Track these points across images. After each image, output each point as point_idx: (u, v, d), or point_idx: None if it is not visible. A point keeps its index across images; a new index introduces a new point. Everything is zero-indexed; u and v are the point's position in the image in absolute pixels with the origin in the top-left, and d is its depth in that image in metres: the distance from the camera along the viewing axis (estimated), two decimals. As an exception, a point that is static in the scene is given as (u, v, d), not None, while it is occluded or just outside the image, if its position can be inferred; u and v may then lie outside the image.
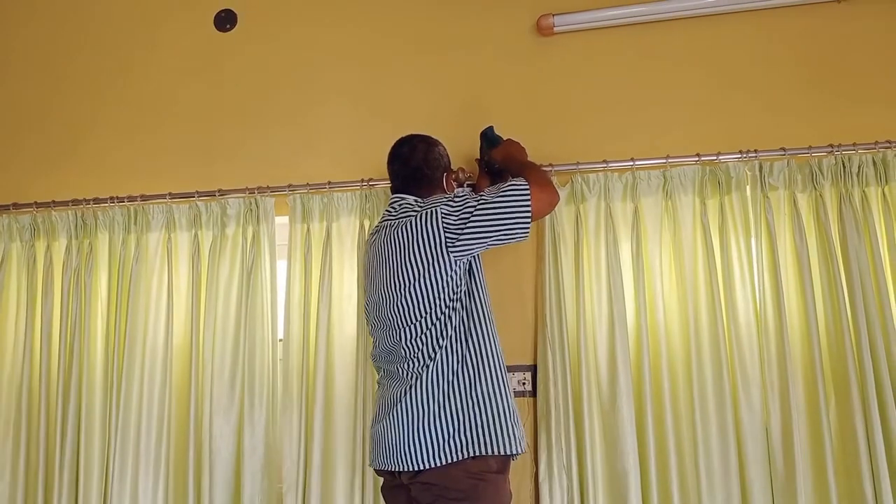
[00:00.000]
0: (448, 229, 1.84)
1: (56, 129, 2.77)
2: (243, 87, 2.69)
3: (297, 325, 2.41)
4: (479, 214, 1.85)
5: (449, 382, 1.81)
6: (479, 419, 1.79)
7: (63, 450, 2.42)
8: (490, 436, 1.78)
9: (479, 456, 1.77)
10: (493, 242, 1.88)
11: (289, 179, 2.51)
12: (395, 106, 2.59)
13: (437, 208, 1.87)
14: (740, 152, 2.32)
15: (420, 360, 1.84)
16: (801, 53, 2.45)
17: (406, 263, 1.87)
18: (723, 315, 2.26)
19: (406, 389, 1.83)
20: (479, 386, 1.81)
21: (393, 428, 1.83)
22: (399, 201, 2.01)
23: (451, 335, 1.83)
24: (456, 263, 1.86)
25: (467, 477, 1.76)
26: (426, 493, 1.78)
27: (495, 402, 1.82)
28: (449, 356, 1.82)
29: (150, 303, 2.52)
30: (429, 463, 1.76)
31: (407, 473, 1.81)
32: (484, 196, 1.88)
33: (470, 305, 1.87)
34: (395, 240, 1.91)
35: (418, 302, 1.85)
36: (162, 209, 2.55)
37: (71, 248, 2.57)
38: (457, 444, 1.77)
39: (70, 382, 2.46)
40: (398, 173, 2.07)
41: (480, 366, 1.83)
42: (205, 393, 2.41)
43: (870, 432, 2.12)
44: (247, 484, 2.33)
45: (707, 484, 2.19)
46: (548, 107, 2.51)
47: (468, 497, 1.75)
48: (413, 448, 1.78)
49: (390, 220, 1.97)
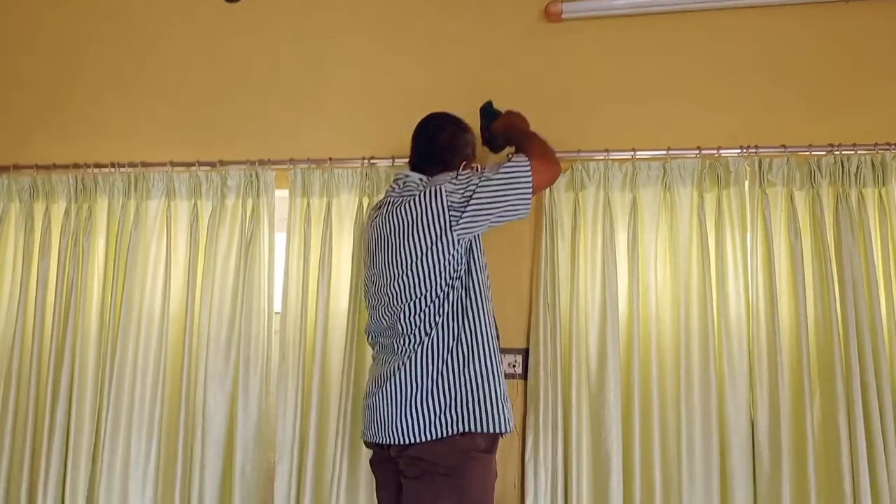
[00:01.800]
0: (452, 207, 1.85)
1: (59, 93, 2.76)
2: (248, 59, 2.68)
3: (295, 299, 2.43)
4: (480, 192, 1.86)
5: (443, 359, 1.83)
6: (470, 397, 1.81)
7: (54, 412, 2.44)
8: (479, 414, 1.80)
9: (467, 433, 1.79)
10: (496, 220, 1.89)
11: (290, 153, 2.51)
12: (399, 87, 2.59)
13: (441, 186, 1.88)
14: (741, 147, 2.33)
15: (416, 337, 1.86)
16: (804, 52, 2.46)
17: (409, 241, 1.88)
18: (714, 308, 2.29)
19: (400, 364, 1.85)
20: (472, 364, 1.83)
21: (385, 402, 1.85)
22: (404, 179, 2.01)
23: (448, 312, 1.85)
24: (458, 242, 1.87)
25: (454, 453, 1.78)
26: (413, 468, 1.81)
27: (487, 380, 1.83)
28: (444, 333, 1.84)
29: (148, 269, 2.53)
30: (416, 437, 1.79)
31: (395, 447, 1.84)
32: (486, 174, 1.89)
33: (468, 283, 1.88)
34: (399, 217, 1.91)
35: (420, 280, 1.86)
36: (162, 177, 2.55)
37: (70, 211, 2.57)
38: (446, 420, 1.79)
39: (64, 345, 2.47)
40: (421, 149, 2.06)
41: (475, 344, 1.85)
42: (200, 361, 2.43)
43: (852, 429, 2.16)
44: (239, 451, 2.36)
45: (688, 471, 2.23)
46: (552, 93, 2.52)
47: (454, 473, 1.78)
48: (403, 422, 1.80)
49: (393, 198, 1.98)
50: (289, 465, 2.34)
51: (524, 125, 2.16)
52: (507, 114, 2.20)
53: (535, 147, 1.97)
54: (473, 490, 1.79)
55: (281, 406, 2.37)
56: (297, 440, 2.36)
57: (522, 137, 2.06)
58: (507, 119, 2.18)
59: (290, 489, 2.34)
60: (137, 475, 2.41)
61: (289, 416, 2.36)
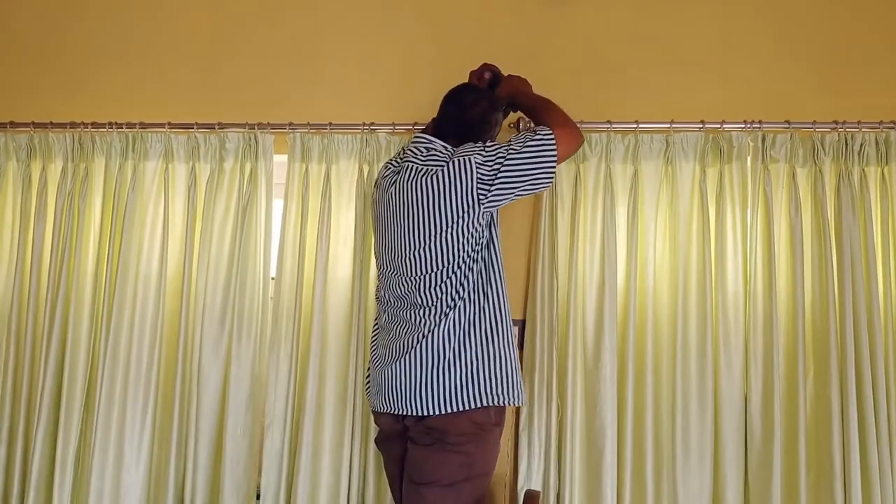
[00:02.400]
0: (482, 180, 1.82)
1: (56, 49, 2.71)
2: (248, 21, 2.64)
3: (290, 265, 2.42)
4: (508, 165, 1.83)
5: (466, 332, 1.82)
6: (490, 371, 1.82)
7: (46, 373, 2.43)
8: (499, 387, 1.82)
9: (483, 407, 1.80)
10: (521, 193, 1.88)
11: (289, 117, 2.48)
12: (401, 52, 2.56)
13: (470, 158, 1.84)
14: (744, 122, 2.31)
15: (438, 309, 1.84)
16: (811, 29, 2.44)
17: (436, 213, 1.83)
18: (712, 283, 2.28)
19: (420, 337, 1.84)
20: (494, 338, 1.84)
21: (405, 373, 1.84)
22: (426, 144, 1.94)
23: (471, 287, 1.84)
24: (483, 216, 1.85)
25: (470, 423, 1.80)
26: (426, 437, 1.82)
27: (506, 355, 1.85)
28: (467, 307, 1.83)
29: (145, 232, 2.51)
30: (438, 409, 1.79)
31: (412, 417, 1.84)
32: (512, 146, 1.86)
33: (489, 258, 1.87)
34: (424, 187, 1.85)
35: (444, 252, 1.84)
36: (160, 138, 2.53)
37: (67, 171, 2.55)
38: (467, 394, 1.79)
39: (57, 303, 2.45)
40: (450, 116, 2.00)
41: (496, 319, 1.85)
42: (196, 324, 2.42)
43: (844, 406, 2.17)
44: (231, 415, 2.36)
45: (682, 444, 2.24)
46: (555, 64, 2.49)
47: (466, 443, 1.79)
48: (425, 394, 1.80)
49: (415, 164, 1.91)
50: (281, 431, 2.35)
51: (528, 89, 2.13)
52: (509, 78, 2.16)
53: (554, 116, 1.95)
54: (480, 459, 1.82)
55: (273, 372, 2.36)
56: (289, 406, 2.36)
57: (536, 105, 2.04)
58: (511, 85, 2.14)
59: (283, 454, 2.34)
60: (133, 438, 2.41)
61: (281, 383, 2.36)
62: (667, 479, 2.23)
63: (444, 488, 1.78)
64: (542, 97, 2.06)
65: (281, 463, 2.35)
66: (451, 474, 1.78)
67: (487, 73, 2.15)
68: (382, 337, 1.98)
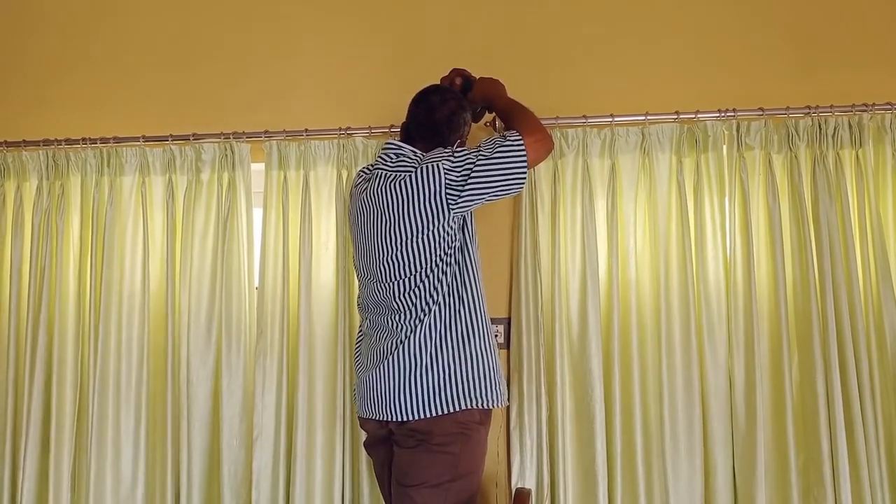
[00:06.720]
0: (450, 186, 1.82)
1: (25, 67, 2.69)
2: (219, 30, 2.62)
3: (272, 273, 2.41)
4: (478, 171, 1.83)
5: (441, 336, 1.83)
6: (469, 373, 1.82)
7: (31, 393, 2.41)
8: (478, 390, 1.82)
9: (466, 409, 1.81)
10: (491, 198, 1.87)
11: (265, 125, 2.47)
12: (372, 53, 2.55)
13: (438, 164, 1.83)
14: (719, 111, 2.32)
15: (414, 314, 1.84)
16: (781, 15, 2.45)
17: (405, 219, 1.84)
18: (693, 272, 2.30)
19: (398, 342, 1.84)
20: (470, 341, 1.84)
21: (384, 379, 1.84)
22: (396, 150, 1.94)
23: (445, 291, 1.84)
24: (454, 219, 1.85)
25: (454, 424, 1.80)
26: (410, 439, 1.83)
27: (483, 356, 1.85)
28: (442, 311, 1.83)
29: (126, 247, 2.49)
30: (418, 414, 1.80)
31: (395, 422, 1.85)
32: (482, 151, 1.86)
33: (462, 261, 1.87)
34: (392, 193, 1.86)
35: (415, 257, 1.84)
36: (136, 152, 2.50)
37: (42, 189, 2.52)
38: (445, 397, 1.80)
39: (39, 324, 2.44)
40: (418, 118, 1.99)
41: (472, 321, 1.85)
42: (181, 339, 2.41)
43: (829, 389, 2.19)
44: (225, 427, 2.36)
45: (671, 434, 2.26)
46: (529, 58, 2.49)
47: (451, 443, 1.80)
48: (404, 399, 1.81)
49: (385, 171, 1.92)
50: (270, 442, 2.34)
51: (502, 91, 2.12)
52: (481, 80, 2.15)
53: (525, 121, 1.93)
54: (466, 459, 1.82)
55: (259, 381, 2.35)
56: (277, 416, 2.35)
57: (507, 108, 2.03)
58: (483, 89, 2.13)
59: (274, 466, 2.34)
60: (128, 455, 2.40)
61: (269, 392, 2.35)
62: (657, 469, 2.25)
63: (432, 489, 1.78)
64: (515, 101, 2.05)
65: (272, 475, 2.34)
66: (437, 475, 1.78)
67: (458, 78, 2.14)
68: (365, 343, 1.99)
